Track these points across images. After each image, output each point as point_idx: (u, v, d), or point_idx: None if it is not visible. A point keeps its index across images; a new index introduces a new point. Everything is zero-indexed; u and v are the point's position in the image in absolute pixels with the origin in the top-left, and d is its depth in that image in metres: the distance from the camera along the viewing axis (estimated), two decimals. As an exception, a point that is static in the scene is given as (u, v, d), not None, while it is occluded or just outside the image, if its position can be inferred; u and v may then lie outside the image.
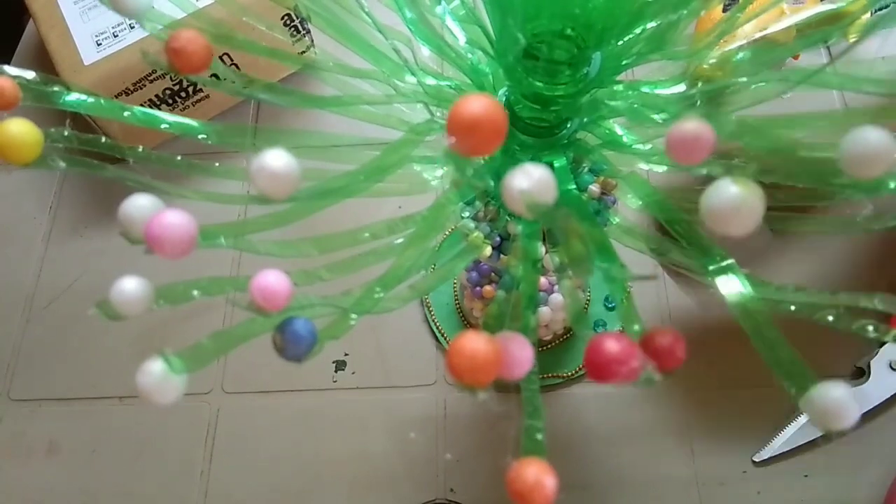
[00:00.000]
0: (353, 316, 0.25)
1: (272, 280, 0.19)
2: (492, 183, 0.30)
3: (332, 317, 0.25)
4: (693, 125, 0.16)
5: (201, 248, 0.20)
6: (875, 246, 0.60)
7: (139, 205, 0.21)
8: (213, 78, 0.29)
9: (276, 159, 0.18)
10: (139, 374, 0.19)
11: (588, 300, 0.58)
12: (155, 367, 0.19)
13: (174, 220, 0.18)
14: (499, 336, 0.17)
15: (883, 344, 0.54)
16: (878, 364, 0.54)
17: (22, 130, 0.22)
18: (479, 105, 0.15)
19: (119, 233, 0.21)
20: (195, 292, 0.22)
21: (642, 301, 0.59)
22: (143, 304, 0.21)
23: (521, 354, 0.16)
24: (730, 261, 0.23)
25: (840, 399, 0.17)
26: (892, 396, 0.53)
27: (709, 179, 0.17)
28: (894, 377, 0.53)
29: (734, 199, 0.15)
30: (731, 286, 0.22)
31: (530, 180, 0.16)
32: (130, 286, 0.20)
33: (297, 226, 0.28)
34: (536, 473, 0.16)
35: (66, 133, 0.26)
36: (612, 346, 0.16)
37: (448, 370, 0.16)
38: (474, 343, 0.15)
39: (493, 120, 0.15)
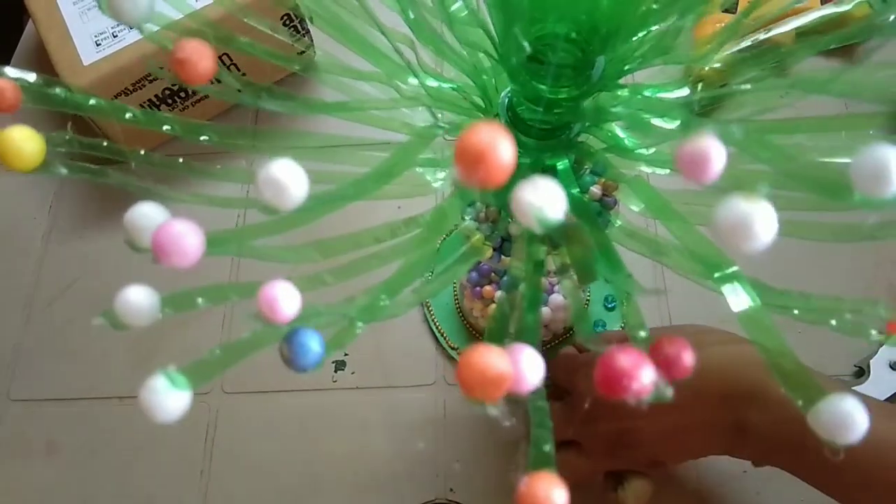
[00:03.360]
0: (360, 324, 0.25)
1: (280, 291, 0.19)
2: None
3: (338, 325, 0.25)
4: (703, 142, 0.15)
5: (208, 256, 0.20)
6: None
7: (144, 213, 0.21)
8: (215, 82, 0.29)
9: (283, 170, 0.18)
10: (142, 391, 0.19)
11: (588, 300, 0.58)
12: (158, 384, 0.19)
13: (182, 229, 0.18)
14: (509, 348, 0.17)
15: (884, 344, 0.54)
16: (878, 364, 0.54)
17: (24, 137, 0.22)
18: (487, 136, 0.14)
19: (124, 241, 0.21)
20: (199, 300, 0.22)
21: (642, 302, 0.59)
22: (150, 314, 0.20)
23: (531, 368, 0.16)
24: (735, 268, 0.23)
25: (849, 412, 0.17)
26: (892, 396, 0.53)
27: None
28: (894, 377, 0.53)
29: (745, 216, 0.15)
30: (737, 294, 0.22)
31: (539, 194, 0.16)
32: (136, 296, 0.20)
33: (300, 230, 0.28)
34: (547, 488, 0.16)
35: (67, 137, 0.26)
36: (624, 360, 0.16)
37: (459, 385, 0.16)
38: (485, 358, 0.15)
39: (500, 151, 0.14)
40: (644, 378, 0.16)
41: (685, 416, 0.39)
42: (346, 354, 0.59)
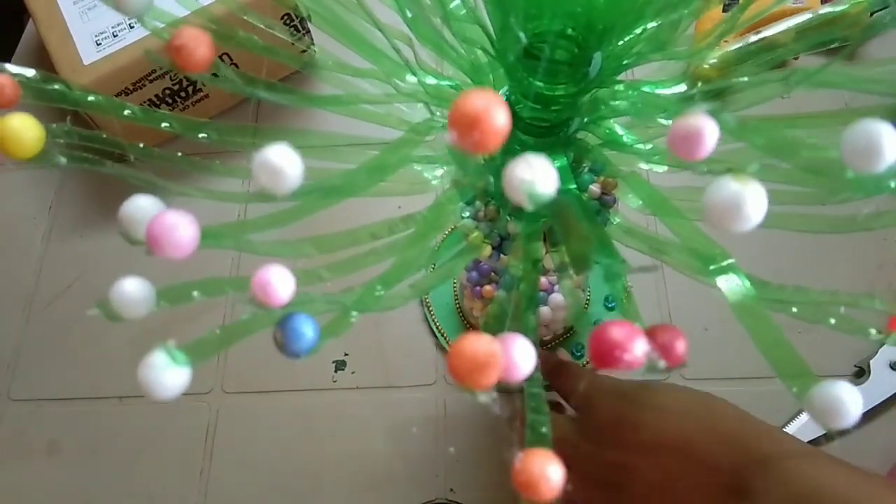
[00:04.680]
0: (354, 313, 0.25)
1: (274, 275, 0.19)
2: (492, 182, 0.30)
3: (333, 314, 0.25)
4: (696, 120, 0.16)
5: (202, 249, 0.20)
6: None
7: (140, 205, 0.21)
8: (214, 76, 0.29)
9: (278, 155, 0.18)
10: (141, 367, 0.19)
11: (588, 300, 0.58)
12: (157, 360, 0.19)
13: (175, 220, 0.18)
14: (501, 337, 0.17)
15: (883, 343, 0.54)
16: (878, 364, 0.54)
17: (24, 125, 0.22)
18: (482, 100, 0.15)
19: (118, 232, 0.21)
20: (195, 293, 0.22)
21: (642, 301, 0.59)
22: (145, 306, 0.21)
23: (523, 357, 0.16)
24: (730, 260, 0.23)
25: (841, 397, 0.17)
26: (892, 396, 0.53)
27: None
28: (894, 377, 0.53)
29: (735, 196, 0.15)
30: (732, 286, 0.22)
31: (532, 170, 0.16)
32: (131, 287, 0.20)
33: (297, 226, 0.28)
34: (543, 464, 0.16)
35: (67, 128, 0.26)
36: (616, 332, 0.16)
37: (449, 372, 0.16)
38: (475, 345, 0.15)
39: (495, 115, 0.15)
40: (637, 350, 0.16)
41: (686, 466, 0.37)
42: (346, 354, 0.59)
